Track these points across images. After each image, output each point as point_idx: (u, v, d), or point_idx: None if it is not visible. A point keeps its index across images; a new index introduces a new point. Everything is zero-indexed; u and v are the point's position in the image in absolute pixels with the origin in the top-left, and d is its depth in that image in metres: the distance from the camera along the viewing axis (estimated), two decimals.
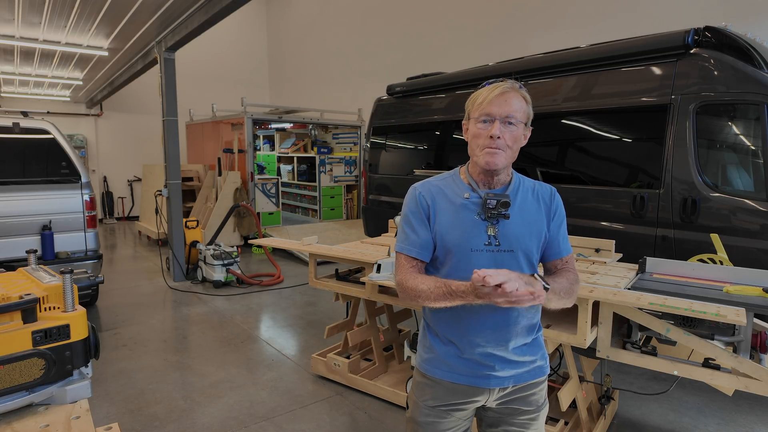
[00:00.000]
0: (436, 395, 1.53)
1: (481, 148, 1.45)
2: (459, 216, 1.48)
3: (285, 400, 3.48)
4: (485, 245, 1.45)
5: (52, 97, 12.90)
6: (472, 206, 1.48)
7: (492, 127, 1.42)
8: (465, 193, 1.50)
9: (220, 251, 6.69)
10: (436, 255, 1.52)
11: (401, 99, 6.36)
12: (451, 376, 1.51)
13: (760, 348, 2.33)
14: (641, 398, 3.51)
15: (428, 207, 1.51)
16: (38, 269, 1.94)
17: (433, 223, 1.50)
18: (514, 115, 1.43)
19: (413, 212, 1.53)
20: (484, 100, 1.44)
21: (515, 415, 1.55)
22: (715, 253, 3.49)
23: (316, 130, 11.19)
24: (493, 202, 1.44)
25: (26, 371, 1.47)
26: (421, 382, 1.58)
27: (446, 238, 1.48)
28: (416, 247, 1.50)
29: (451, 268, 1.47)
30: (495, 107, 1.42)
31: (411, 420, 1.60)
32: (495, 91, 1.43)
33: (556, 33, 7.25)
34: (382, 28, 10.61)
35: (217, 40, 13.90)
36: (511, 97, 1.44)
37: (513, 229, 1.47)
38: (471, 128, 1.49)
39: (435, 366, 1.54)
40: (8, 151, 4.94)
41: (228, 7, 5.20)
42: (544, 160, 4.67)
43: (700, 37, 3.76)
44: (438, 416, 1.54)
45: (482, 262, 1.44)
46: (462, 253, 1.46)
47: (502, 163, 1.44)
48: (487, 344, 1.48)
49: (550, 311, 2.84)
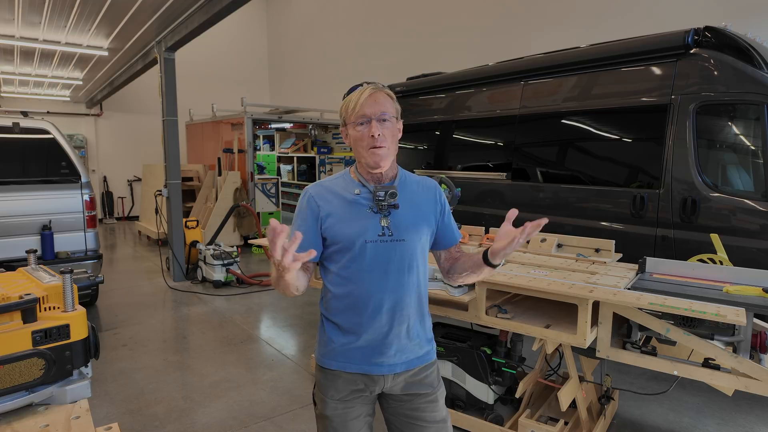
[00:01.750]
0: (338, 387, 1.59)
1: (366, 148, 1.54)
2: (352, 211, 1.56)
3: (285, 400, 3.48)
4: (379, 236, 1.55)
5: (52, 97, 12.90)
6: (364, 201, 1.58)
7: (371, 127, 1.52)
8: (356, 190, 1.60)
9: (220, 251, 6.68)
10: (332, 250, 1.59)
11: (401, 99, 6.35)
12: (346, 365, 1.58)
13: (760, 348, 2.33)
14: (641, 398, 3.51)
15: (318, 208, 1.58)
16: (38, 269, 1.94)
17: (324, 222, 1.57)
18: (386, 112, 1.54)
19: (302, 213, 1.60)
20: (357, 104, 1.54)
21: (415, 400, 1.63)
22: (715, 253, 3.49)
23: (316, 130, 11.18)
24: (381, 193, 1.55)
25: (26, 371, 1.47)
26: (322, 377, 1.63)
27: (341, 233, 1.55)
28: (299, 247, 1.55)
29: (348, 260, 1.55)
30: (368, 108, 1.53)
31: (321, 416, 1.64)
32: (364, 94, 1.54)
33: (556, 33, 7.25)
34: (382, 28, 10.61)
35: (217, 40, 13.89)
36: (380, 97, 1.54)
37: (403, 220, 1.58)
38: (351, 133, 1.57)
39: (331, 358, 1.60)
40: (8, 151, 4.94)
41: (228, 7, 5.20)
42: (544, 160, 4.67)
43: (700, 37, 3.76)
44: (346, 407, 1.60)
45: (377, 251, 1.54)
46: (358, 245, 1.54)
47: (387, 160, 1.55)
48: (382, 331, 1.56)
49: (550, 311, 2.85)
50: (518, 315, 2.78)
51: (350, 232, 1.54)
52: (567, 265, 3.09)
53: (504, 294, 3.04)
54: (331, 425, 1.61)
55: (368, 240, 1.54)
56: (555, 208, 4.52)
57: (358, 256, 1.54)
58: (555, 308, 2.87)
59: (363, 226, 1.55)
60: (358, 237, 1.54)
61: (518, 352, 2.99)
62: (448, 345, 3.09)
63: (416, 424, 1.62)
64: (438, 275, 2.87)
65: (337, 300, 1.58)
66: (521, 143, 4.86)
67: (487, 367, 2.95)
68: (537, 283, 2.58)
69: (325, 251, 1.61)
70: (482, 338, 3.17)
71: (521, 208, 4.81)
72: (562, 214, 4.46)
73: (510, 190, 4.92)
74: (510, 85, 5.05)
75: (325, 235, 1.58)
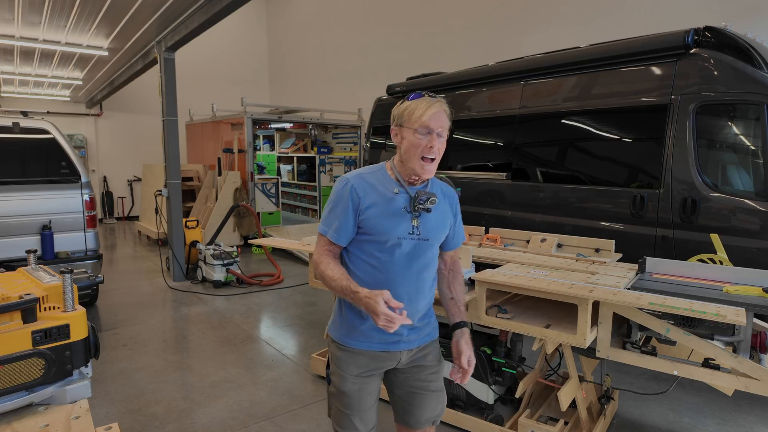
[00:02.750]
0: (359, 364, 1.76)
1: (419, 157, 1.68)
2: (390, 208, 1.71)
3: (285, 400, 3.48)
4: (409, 234, 1.72)
5: (52, 97, 12.90)
6: (401, 200, 1.73)
7: (431, 138, 1.66)
8: (395, 189, 1.74)
9: (220, 251, 6.68)
10: (365, 239, 1.73)
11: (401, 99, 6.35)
12: (369, 345, 1.75)
13: (760, 348, 2.33)
14: (641, 398, 3.51)
15: (359, 200, 1.70)
16: (38, 269, 1.94)
17: (362, 213, 1.70)
18: (444, 129, 1.69)
19: (343, 203, 1.71)
20: (423, 114, 1.66)
21: (421, 372, 1.83)
22: (715, 253, 3.49)
23: (316, 130, 11.19)
24: (423, 199, 1.70)
25: (26, 371, 1.47)
26: (342, 355, 1.78)
27: (377, 227, 1.69)
28: (338, 234, 1.72)
29: (378, 251, 1.71)
30: (433, 122, 1.66)
31: (338, 392, 1.78)
32: (433, 107, 1.67)
33: (556, 33, 7.25)
34: (382, 28, 10.61)
35: (217, 40, 13.89)
36: (444, 115, 1.69)
37: (431, 222, 1.76)
38: (408, 137, 1.69)
39: (354, 338, 1.76)
40: (8, 151, 4.93)
41: (228, 6, 5.20)
42: (544, 160, 4.67)
43: (700, 37, 3.76)
44: (363, 382, 1.77)
45: (405, 247, 1.71)
46: (391, 239, 1.70)
47: (432, 172, 1.73)
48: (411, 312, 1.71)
49: (550, 311, 2.85)
50: (518, 315, 2.78)
51: (387, 227, 1.69)
52: (567, 265, 3.09)
53: (504, 294, 3.04)
54: (347, 400, 1.76)
55: (400, 237, 1.70)
56: (555, 208, 4.52)
57: (388, 250, 1.70)
58: (555, 308, 2.87)
59: (398, 224, 1.70)
60: (392, 233, 1.69)
61: (518, 352, 2.99)
62: (449, 345, 3.09)
63: (419, 393, 1.83)
64: None
65: (362, 284, 1.67)
66: (521, 143, 4.86)
67: (487, 367, 2.95)
68: (537, 283, 2.58)
69: (356, 238, 1.74)
70: (482, 338, 3.17)
71: (521, 208, 4.81)
72: (562, 214, 4.46)
73: (510, 190, 4.92)
74: (510, 85, 5.05)
75: (361, 225, 1.71)
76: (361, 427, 1.78)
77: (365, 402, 1.78)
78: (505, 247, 3.77)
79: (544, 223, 4.56)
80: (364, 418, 1.78)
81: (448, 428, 3.07)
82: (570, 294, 2.43)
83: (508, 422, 2.93)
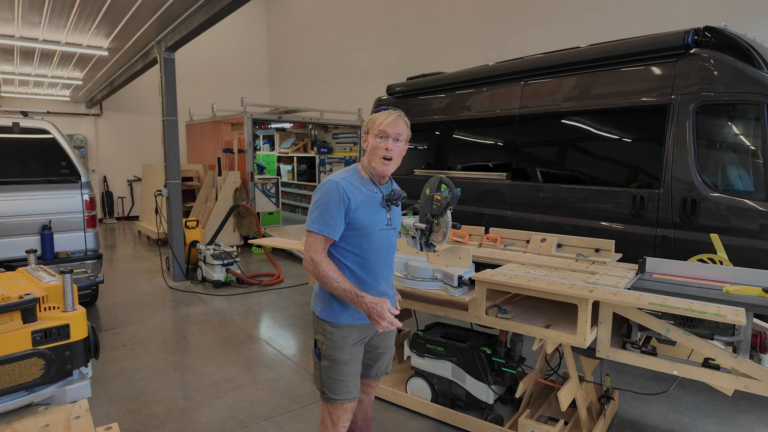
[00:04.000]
0: (352, 335, 2.09)
1: (378, 157, 2.05)
2: (372, 205, 2.07)
3: (285, 400, 3.48)
4: (386, 225, 2.11)
5: (52, 97, 12.90)
6: (378, 198, 2.10)
7: (387, 142, 2.03)
8: (374, 189, 2.10)
9: (220, 251, 6.68)
10: (352, 233, 2.03)
11: (401, 99, 6.36)
12: (359, 319, 2.08)
13: (760, 348, 2.33)
14: (641, 398, 3.51)
15: (349, 200, 1.99)
16: (38, 269, 1.94)
17: (352, 212, 2.00)
18: (401, 135, 2.06)
19: (336, 202, 1.97)
20: (382, 123, 2.03)
21: (386, 335, 2.28)
22: (715, 253, 3.49)
23: (316, 130, 11.18)
24: (396, 196, 2.12)
25: (26, 371, 1.47)
26: (336, 331, 2.08)
27: (365, 221, 2.03)
28: (334, 231, 1.99)
29: (364, 242, 2.04)
30: (390, 128, 2.03)
31: (335, 363, 2.07)
32: (390, 117, 2.04)
33: (556, 33, 7.25)
34: (382, 28, 10.61)
35: (217, 40, 13.89)
36: (400, 123, 2.06)
37: (395, 214, 2.19)
38: (371, 141, 2.07)
39: (349, 315, 2.07)
40: (8, 151, 4.93)
41: (228, 6, 5.20)
42: (544, 160, 4.67)
43: (700, 37, 3.76)
44: (356, 351, 2.12)
45: (383, 237, 2.10)
46: (374, 231, 2.06)
47: (391, 170, 2.09)
48: (380, 292, 2.11)
49: (550, 311, 2.85)
50: (518, 315, 2.78)
51: (371, 221, 2.04)
52: (567, 265, 3.09)
53: (504, 294, 3.04)
54: (345, 368, 2.08)
55: (380, 228, 2.08)
56: (555, 208, 4.51)
57: (371, 240, 2.06)
58: (555, 308, 2.87)
59: (378, 218, 2.08)
60: (374, 225, 2.06)
61: (518, 352, 2.98)
62: (448, 345, 3.09)
63: (377, 351, 2.26)
64: (438, 275, 2.87)
65: (350, 272, 2.05)
66: (521, 143, 4.86)
67: (487, 367, 2.95)
68: (537, 283, 2.58)
69: (343, 233, 2.02)
70: (482, 338, 3.17)
71: (521, 208, 4.81)
72: (562, 214, 4.46)
73: (510, 190, 4.92)
74: (510, 85, 5.05)
75: (350, 222, 2.01)
76: (354, 390, 2.12)
77: (356, 368, 2.13)
78: (505, 247, 3.77)
79: (544, 223, 4.56)
80: (354, 383, 2.12)
81: (448, 428, 3.07)
82: (570, 294, 2.43)
83: (508, 422, 2.93)
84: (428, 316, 5.00)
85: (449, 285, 2.78)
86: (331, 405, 2.12)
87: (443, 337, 3.23)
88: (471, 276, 2.77)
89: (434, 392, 3.20)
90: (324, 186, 2.02)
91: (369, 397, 2.41)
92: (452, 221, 2.62)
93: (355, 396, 2.12)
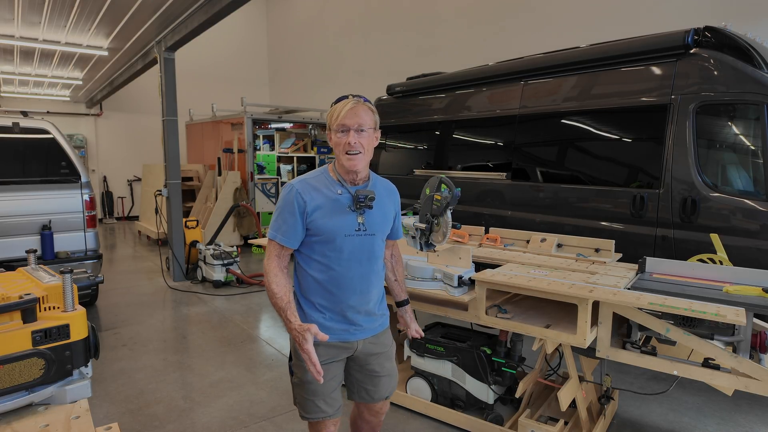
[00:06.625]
0: (320, 353, 1.86)
1: (342, 153, 1.82)
2: (334, 208, 1.85)
3: (285, 400, 3.48)
4: (356, 231, 1.86)
5: (52, 97, 12.89)
6: (344, 200, 1.87)
7: (348, 136, 1.80)
8: (338, 190, 1.88)
9: (220, 251, 6.68)
10: (314, 240, 1.85)
11: (401, 99, 6.35)
12: (331, 336, 1.86)
13: (760, 348, 2.33)
14: (641, 398, 3.51)
15: (304, 203, 1.82)
16: (38, 269, 1.94)
17: (309, 216, 1.82)
18: (364, 124, 1.81)
19: (290, 207, 1.83)
20: (339, 115, 1.81)
21: (377, 358, 2.03)
22: (715, 253, 3.49)
23: (316, 130, 11.18)
24: (363, 197, 1.84)
25: (26, 371, 1.47)
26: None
27: (325, 227, 1.83)
28: (287, 237, 1.84)
29: (329, 250, 1.85)
30: (348, 120, 1.80)
31: (301, 382, 1.92)
32: (347, 107, 1.80)
33: (556, 33, 7.25)
34: (382, 28, 10.60)
35: (217, 40, 13.89)
36: (360, 110, 1.81)
37: (375, 218, 1.92)
38: (333, 138, 1.85)
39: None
40: (8, 151, 4.93)
41: (228, 6, 5.20)
42: (544, 160, 4.67)
43: (700, 37, 3.76)
44: (326, 370, 1.89)
45: (354, 243, 1.86)
46: (338, 237, 1.84)
47: (361, 164, 1.85)
48: (355, 307, 1.90)
49: (550, 311, 2.85)
50: (518, 315, 2.78)
51: (333, 226, 1.83)
52: (567, 265, 3.09)
53: (504, 294, 3.04)
54: (311, 387, 1.90)
55: (347, 234, 1.85)
56: (555, 208, 4.51)
57: (337, 247, 1.84)
58: (555, 308, 2.87)
59: (343, 222, 1.84)
60: (339, 231, 1.83)
61: (518, 352, 2.98)
62: (448, 345, 3.09)
63: (375, 376, 2.04)
64: (438, 275, 2.87)
65: (316, 283, 1.87)
66: (521, 143, 4.86)
67: (487, 367, 2.95)
68: (537, 283, 2.58)
69: (305, 240, 1.87)
70: (482, 338, 3.17)
71: (521, 208, 4.81)
72: (562, 214, 4.46)
73: (510, 190, 4.92)
74: (510, 85, 5.05)
75: (309, 227, 1.84)
76: (327, 409, 1.92)
77: (327, 387, 1.92)
78: (505, 247, 3.77)
79: (544, 223, 4.56)
80: (329, 400, 1.93)
81: (448, 428, 3.07)
82: (570, 294, 2.43)
83: (508, 422, 2.93)
84: (428, 316, 5.00)
85: (449, 285, 2.78)
86: (308, 423, 2.00)
87: (443, 337, 3.23)
88: (471, 276, 2.78)
89: (434, 392, 3.20)
90: (282, 191, 1.88)
91: (377, 419, 2.21)
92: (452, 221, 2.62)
93: (330, 414, 1.93)
